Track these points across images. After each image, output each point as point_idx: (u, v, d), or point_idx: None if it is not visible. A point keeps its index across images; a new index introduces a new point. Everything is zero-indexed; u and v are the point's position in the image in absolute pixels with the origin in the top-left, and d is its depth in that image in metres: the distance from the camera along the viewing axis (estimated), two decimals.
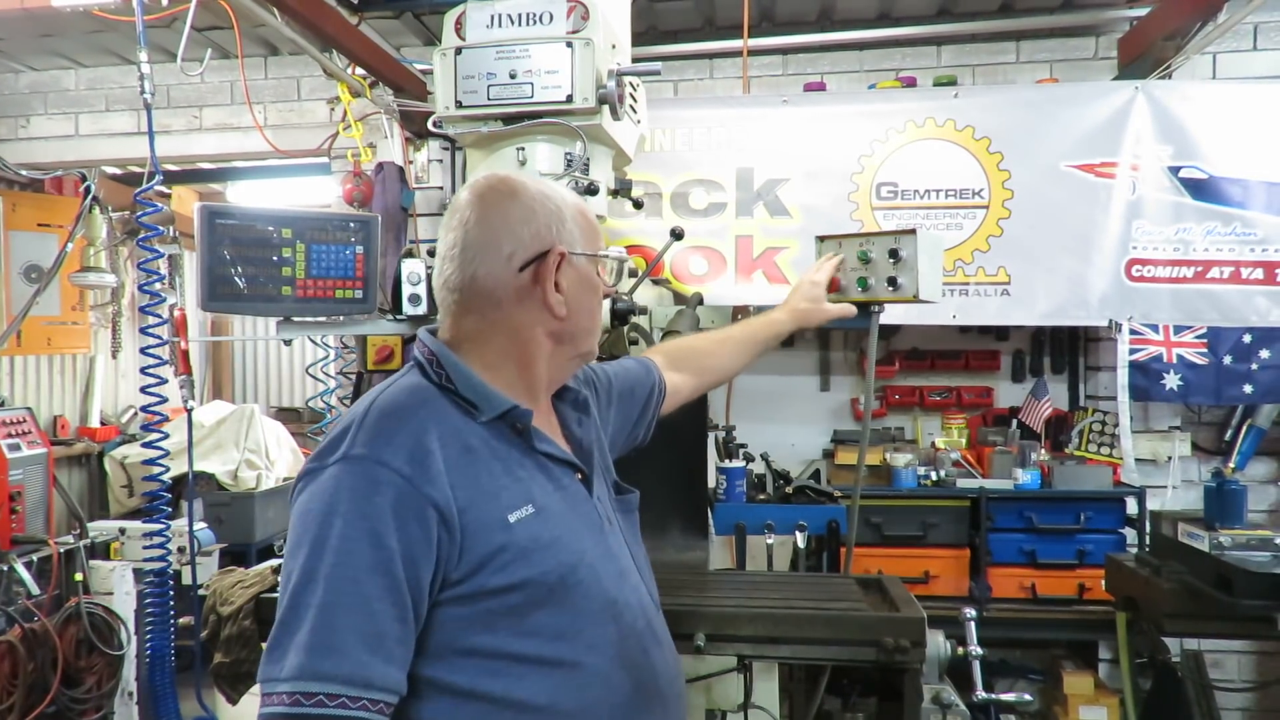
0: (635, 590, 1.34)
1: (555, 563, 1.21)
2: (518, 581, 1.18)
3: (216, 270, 1.95)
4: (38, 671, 2.81)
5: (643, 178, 3.45)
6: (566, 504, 1.29)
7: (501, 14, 2.08)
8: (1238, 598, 2.39)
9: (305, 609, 1.09)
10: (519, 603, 1.18)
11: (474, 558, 1.16)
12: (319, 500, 1.13)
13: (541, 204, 1.31)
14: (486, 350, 1.30)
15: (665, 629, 1.41)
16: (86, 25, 3.89)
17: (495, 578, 1.17)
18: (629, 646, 1.28)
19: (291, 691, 1.06)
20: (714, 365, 1.93)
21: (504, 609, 1.17)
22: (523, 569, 1.18)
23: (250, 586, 2.09)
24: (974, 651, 1.94)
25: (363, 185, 3.79)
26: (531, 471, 1.27)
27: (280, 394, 7.30)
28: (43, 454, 3.41)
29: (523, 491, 1.23)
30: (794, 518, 2.67)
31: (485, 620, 1.17)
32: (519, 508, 1.21)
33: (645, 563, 1.44)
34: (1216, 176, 3.30)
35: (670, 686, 1.35)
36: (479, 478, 1.20)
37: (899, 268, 2.06)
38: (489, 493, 1.19)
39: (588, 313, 1.36)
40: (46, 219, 4.68)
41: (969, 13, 3.89)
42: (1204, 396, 3.60)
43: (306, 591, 1.09)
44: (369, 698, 1.08)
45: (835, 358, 4.13)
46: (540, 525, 1.22)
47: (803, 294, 2.04)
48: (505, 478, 1.23)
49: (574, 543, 1.26)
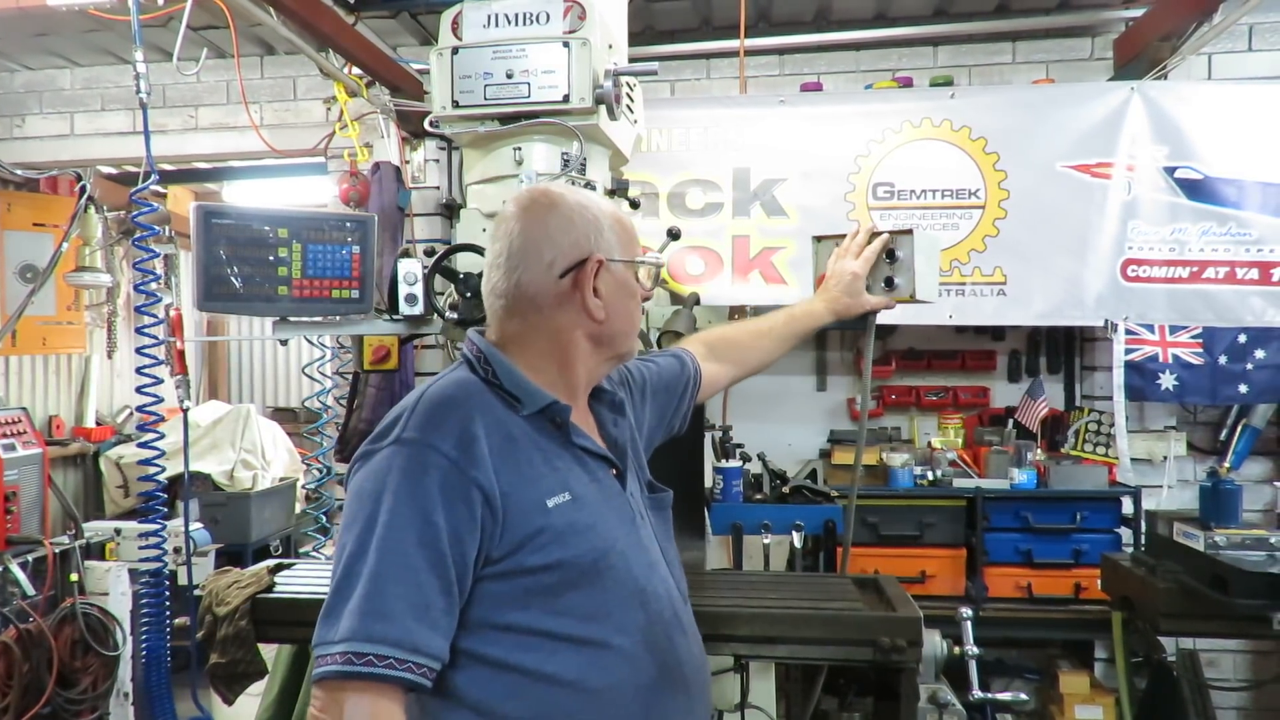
0: (664, 581, 1.40)
1: (589, 547, 1.29)
2: (553, 562, 1.26)
3: (212, 270, 1.95)
4: (33, 672, 2.80)
5: (639, 178, 3.45)
6: (601, 495, 1.37)
7: (498, 14, 2.08)
8: (1233, 597, 2.40)
9: (357, 578, 1.18)
10: (553, 582, 1.26)
11: (514, 537, 1.24)
12: (372, 480, 1.23)
13: (580, 214, 1.39)
14: (529, 351, 1.39)
15: (693, 622, 1.47)
16: (82, 24, 3.88)
17: (533, 557, 1.25)
18: (655, 632, 1.34)
19: (345, 651, 1.15)
20: (753, 358, 1.99)
21: (539, 588, 1.25)
22: (558, 550, 1.26)
23: (246, 587, 2.08)
24: (970, 651, 1.94)
25: (359, 185, 3.78)
26: (569, 463, 1.35)
27: (276, 394, 7.29)
28: (38, 454, 3.39)
29: (560, 480, 1.31)
30: (791, 517, 2.68)
31: (522, 598, 1.25)
32: (557, 494, 1.29)
33: (675, 558, 1.50)
34: (1212, 177, 3.31)
35: (695, 675, 1.42)
36: (520, 465, 1.28)
37: (896, 268, 2.06)
38: (529, 479, 1.28)
39: (625, 316, 1.43)
40: (42, 218, 4.67)
41: (965, 13, 3.89)
42: (1199, 396, 3.61)
43: (359, 562, 1.19)
44: (415, 660, 1.17)
45: (832, 358, 4.13)
46: (576, 512, 1.30)
47: (844, 286, 2.02)
48: (544, 466, 1.31)
49: (607, 531, 1.33)
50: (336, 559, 1.22)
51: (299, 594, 2.07)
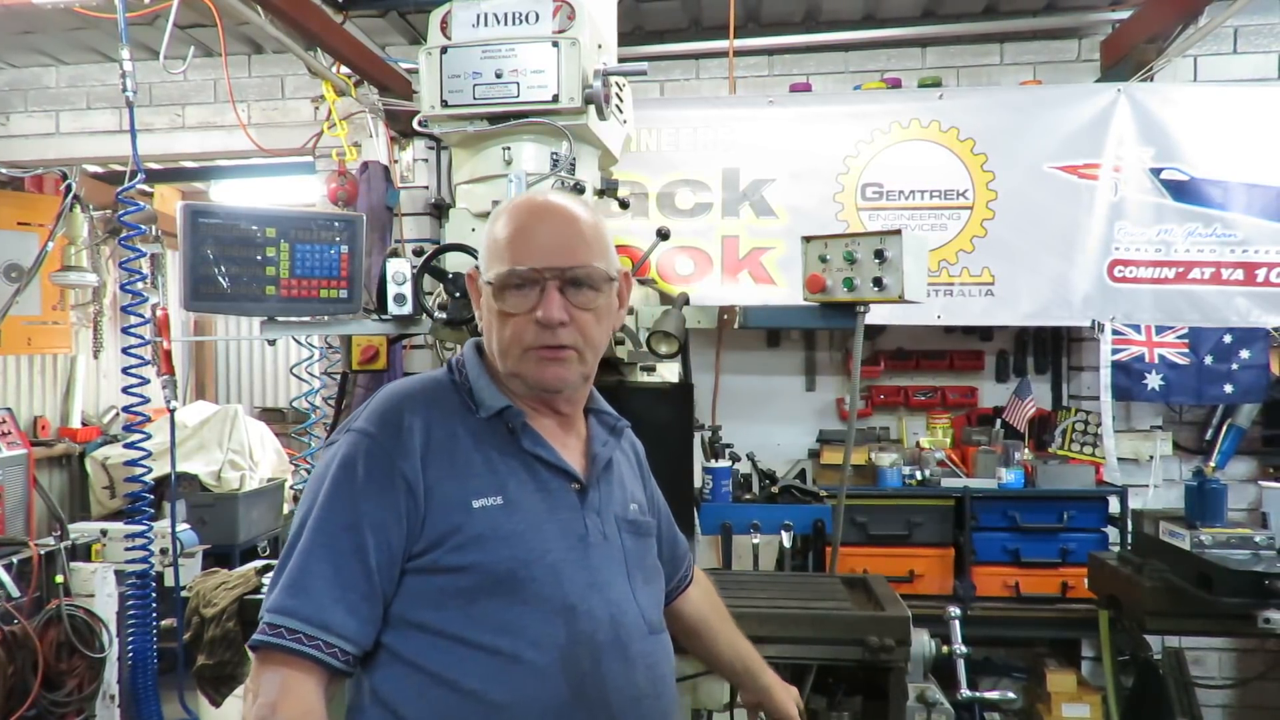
0: (611, 605, 1.31)
1: (508, 554, 1.25)
2: (468, 564, 1.24)
3: (200, 270, 1.94)
4: (17, 675, 2.77)
5: (629, 178, 3.45)
6: (544, 505, 1.32)
7: (487, 13, 2.08)
8: (1218, 595, 2.42)
9: (291, 553, 1.24)
10: (468, 586, 1.24)
11: (433, 533, 1.25)
12: (321, 464, 1.31)
13: (491, 226, 1.37)
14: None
15: (651, 655, 1.36)
16: (67, 22, 3.85)
17: (450, 556, 1.24)
18: (578, 653, 1.26)
19: (270, 623, 1.20)
20: (706, 647, 1.70)
21: (455, 590, 1.24)
22: (474, 553, 1.24)
23: (234, 588, 2.08)
24: (958, 650, 1.95)
25: (347, 184, 3.76)
26: (514, 468, 1.32)
27: (264, 394, 7.25)
28: (23, 455, 3.38)
29: (496, 483, 1.29)
30: (780, 517, 2.68)
31: (437, 597, 1.24)
32: (486, 496, 1.28)
33: (646, 587, 1.41)
34: (1198, 178, 3.33)
35: (626, 705, 1.30)
36: (455, 462, 1.29)
37: (884, 268, 2.07)
38: (459, 476, 1.28)
39: (491, 333, 1.36)
40: (27, 217, 4.64)
41: (954, 14, 3.90)
42: (1185, 396, 3.63)
43: (296, 539, 1.25)
44: (324, 639, 1.19)
45: (821, 358, 4.14)
46: (503, 516, 1.27)
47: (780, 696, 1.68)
48: (483, 467, 1.30)
49: (538, 541, 1.28)
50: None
51: None
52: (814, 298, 2.25)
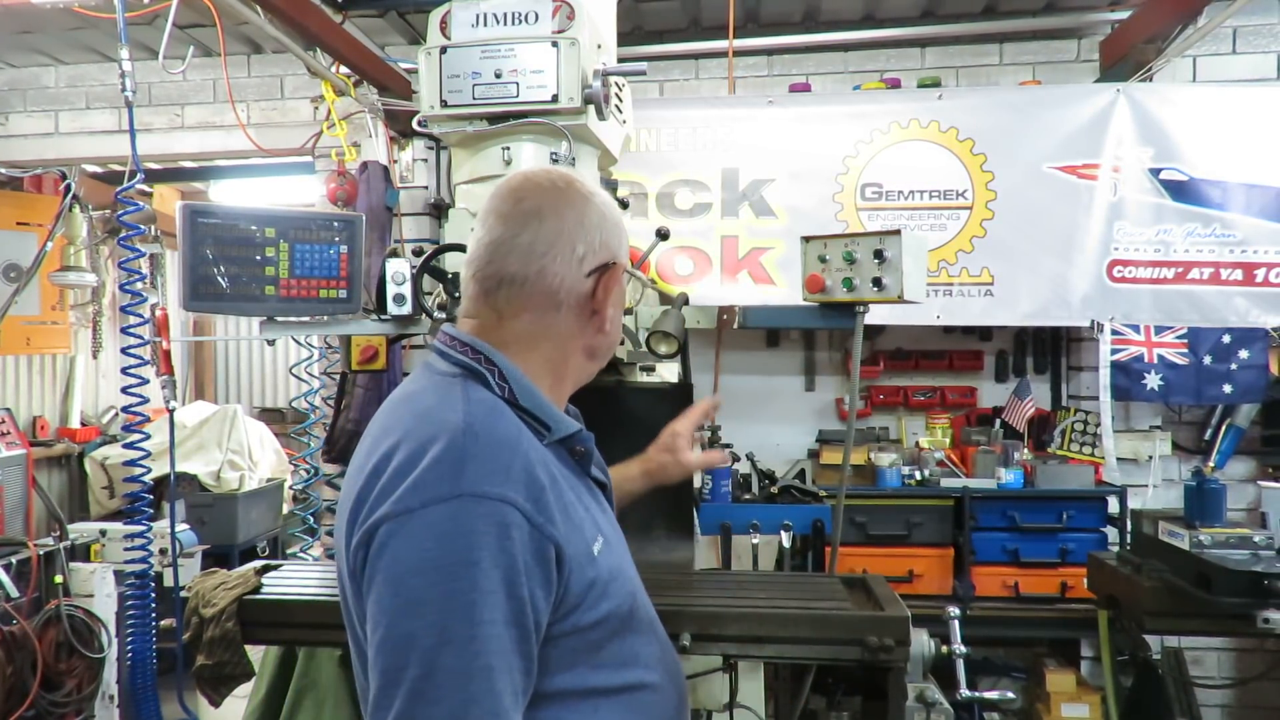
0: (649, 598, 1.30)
1: (625, 592, 1.16)
2: (602, 616, 1.11)
3: (199, 269, 1.94)
4: (17, 675, 2.77)
5: (628, 178, 3.45)
6: (611, 525, 1.24)
7: (487, 13, 2.08)
8: (1217, 595, 2.42)
9: (447, 675, 0.96)
10: (598, 637, 1.11)
11: (573, 596, 1.07)
12: (437, 546, 0.98)
13: (610, 211, 1.22)
14: (533, 358, 1.18)
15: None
16: (66, 22, 3.85)
17: (588, 614, 1.09)
18: (668, 658, 1.27)
19: None
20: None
21: (584, 645, 1.10)
22: (606, 602, 1.11)
23: (233, 588, 2.07)
24: (958, 650, 1.95)
25: (347, 184, 3.76)
26: (588, 499, 1.19)
27: (264, 394, 7.25)
28: (21, 455, 3.38)
29: (592, 520, 1.15)
30: (779, 517, 2.68)
31: (567, 660, 1.08)
32: (596, 538, 1.13)
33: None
34: (1196, 178, 3.34)
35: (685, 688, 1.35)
36: (568, 509, 1.09)
37: (884, 268, 2.07)
38: (577, 525, 1.10)
39: (619, 329, 1.28)
40: (26, 217, 4.64)
41: (953, 15, 3.91)
42: (1184, 396, 3.64)
43: (444, 654, 0.96)
44: None
45: (820, 358, 4.14)
46: (609, 554, 1.15)
47: (661, 443, 1.78)
48: (579, 506, 1.13)
49: (629, 568, 1.21)
50: (395, 648, 0.97)
51: (286, 595, 2.06)
52: (813, 298, 2.25)
